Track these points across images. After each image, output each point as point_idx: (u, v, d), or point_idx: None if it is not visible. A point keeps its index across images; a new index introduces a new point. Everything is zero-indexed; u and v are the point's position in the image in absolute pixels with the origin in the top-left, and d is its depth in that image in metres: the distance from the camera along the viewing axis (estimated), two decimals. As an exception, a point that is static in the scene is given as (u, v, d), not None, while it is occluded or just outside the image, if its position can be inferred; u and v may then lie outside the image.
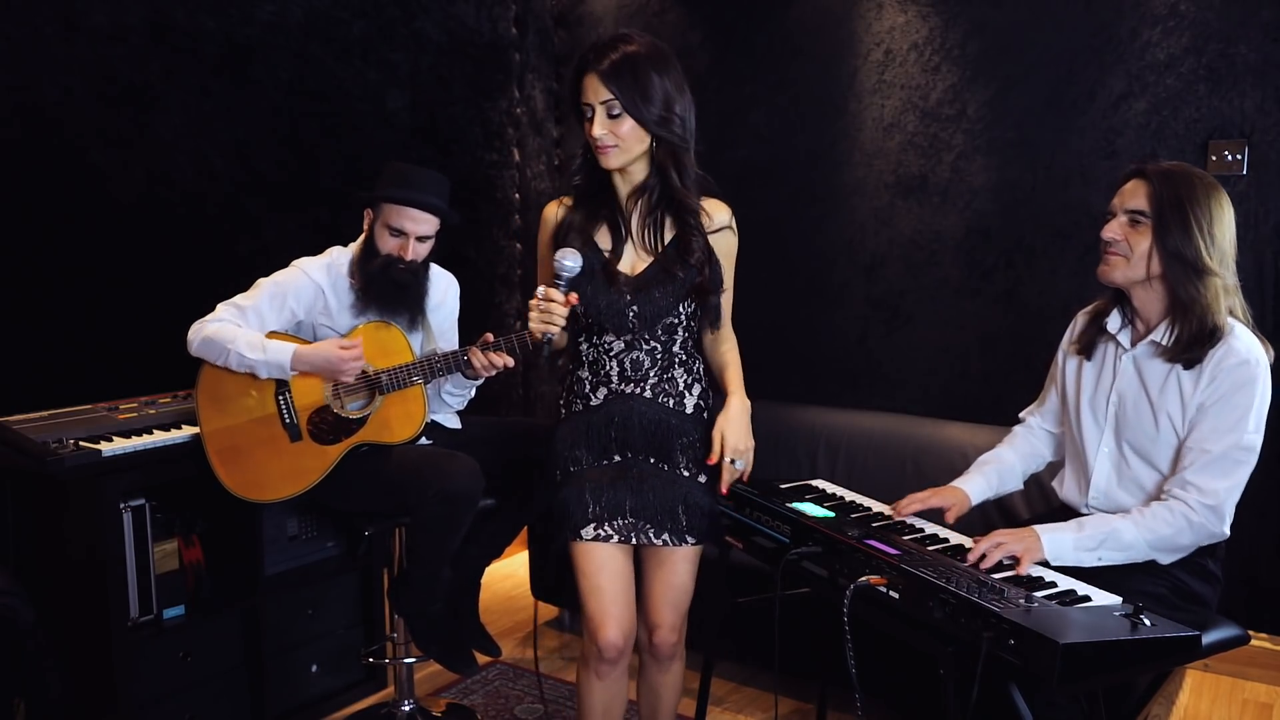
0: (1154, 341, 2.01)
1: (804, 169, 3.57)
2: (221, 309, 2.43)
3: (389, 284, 2.47)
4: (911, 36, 3.33)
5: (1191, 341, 1.94)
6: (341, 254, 2.57)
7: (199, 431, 2.44)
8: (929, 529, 2.07)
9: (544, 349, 1.96)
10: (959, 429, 3.00)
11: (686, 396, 2.09)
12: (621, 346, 2.06)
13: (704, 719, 2.41)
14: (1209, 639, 1.88)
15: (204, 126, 3.05)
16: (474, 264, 3.97)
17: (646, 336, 2.04)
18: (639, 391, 2.06)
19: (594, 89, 1.92)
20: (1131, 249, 1.97)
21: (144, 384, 2.79)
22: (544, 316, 1.93)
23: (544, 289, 1.94)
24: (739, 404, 2.04)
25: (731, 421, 2.01)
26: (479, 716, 2.86)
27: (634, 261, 2.05)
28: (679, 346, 2.08)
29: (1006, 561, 1.86)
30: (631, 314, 2.01)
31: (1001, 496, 2.29)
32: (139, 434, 2.45)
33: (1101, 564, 1.91)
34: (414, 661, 2.74)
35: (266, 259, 2.71)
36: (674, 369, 2.08)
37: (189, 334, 2.40)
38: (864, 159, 3.45)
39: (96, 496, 2.37)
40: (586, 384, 2.09)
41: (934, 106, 3.30)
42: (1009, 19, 3.15)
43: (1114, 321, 2.08)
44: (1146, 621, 1.60)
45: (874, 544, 1.87)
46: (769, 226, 3.50)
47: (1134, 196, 1.98)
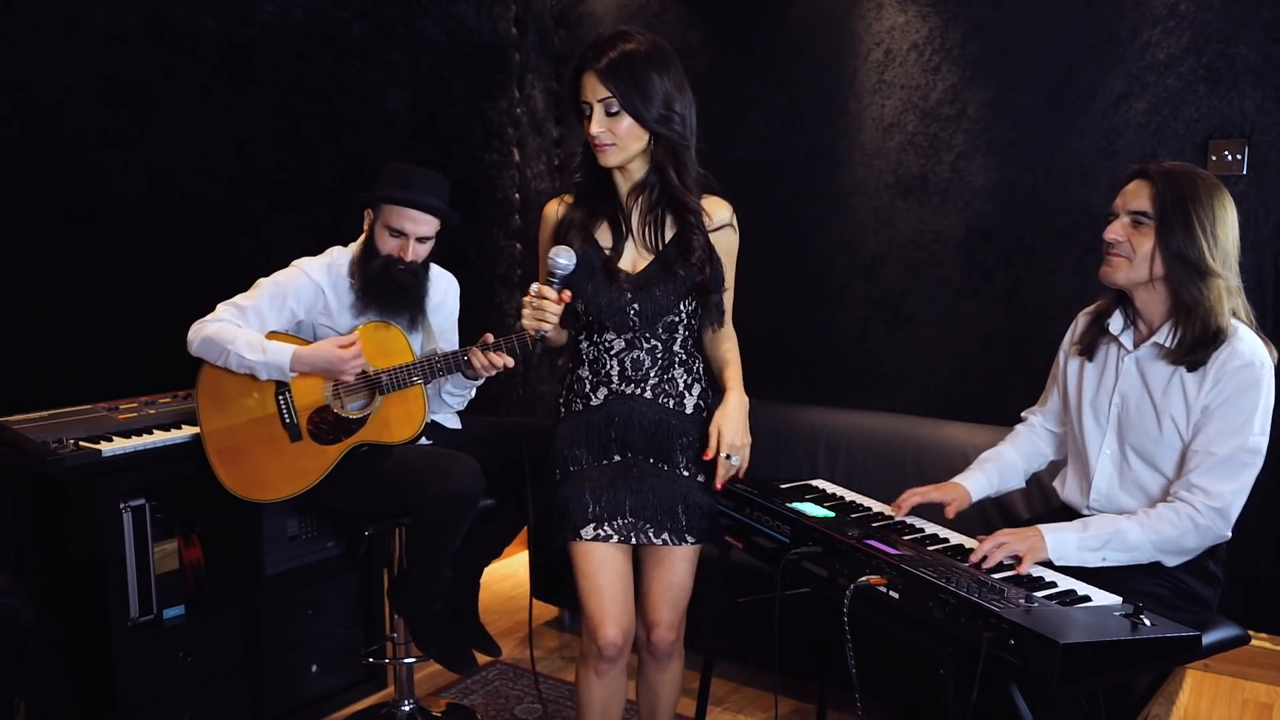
0: (1157, 343, 2.00)
1: (804, 169, 3.57)
2: (221, 309, 2.43)
3: (389, 284, 2.47)
4: (911, 36, 3.32)
5: (1195, 343, 1.93)
6: (342, 254, 2.56)
7: (199, 431, 2.44)
8: (929, 529, 2.07)
9: (535, 346, 1.96)
10: (959, 429, 3.00)
11: (686, 397, 2.09)
12: (622, 345, 2.06)
13: (704, 719, 2.41)
14: (1209, 639, 1.88)
15: (204, 126, 3.05)
16: (474, 264, 3.97)
17: (647, 335, 2.04)
18: (639, 392, 2.06)
19: (592, 87, 1.92)
20: (1134, 250, 1.96)
21: (144, 384, 2.79)
22: (537, 314, 1.93)
23: (538, 286, 1.94)
24: (737, 400, 2.04)
25: (729, 417, 2.01)
26: (479, 716, 2.86)
27: (635, 259, 2.05)
28: (679, 345, 2.08)
29: (1008, 561, 1.86)
30: (632, 312, 2.01)
31: (1003, 495, 2.29)
32: (139, 434, 2.45)
33: (1105, 564, 1.90)
34: (414, 661, 2.74)
35: (266, 259, 2.71)
36: (674, 369, 2.08)
37: (189, 334, 2.40)
38: (864, 159, 3.45)
39: (96, 496, 2.37)
40: (587, 383, 2.09)
41: (934, 106, 3.30)
42: (1009, 19, 3.15)
43: (1116, 323, 2.07)
44: (1147, 621, 1.60)
45: (874, 544, 1.87)
46: (769, 226, 3.49)
47: (1136, 197, 1.96)
